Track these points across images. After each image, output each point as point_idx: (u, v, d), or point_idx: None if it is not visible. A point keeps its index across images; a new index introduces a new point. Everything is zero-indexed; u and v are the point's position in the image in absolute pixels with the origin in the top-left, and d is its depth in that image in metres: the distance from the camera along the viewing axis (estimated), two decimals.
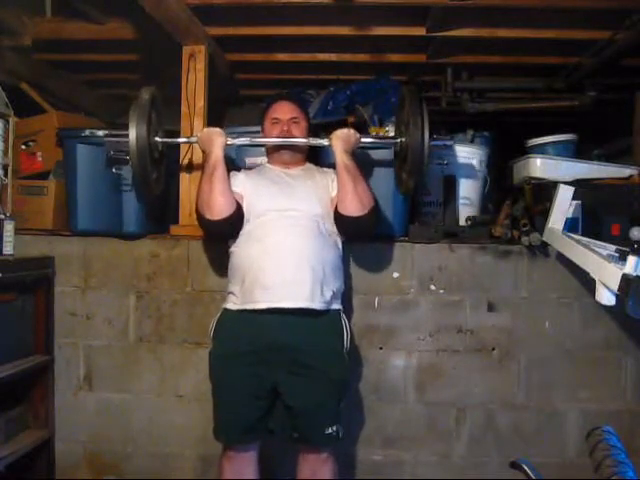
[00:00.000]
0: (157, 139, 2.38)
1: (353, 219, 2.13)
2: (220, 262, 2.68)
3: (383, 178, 2.70)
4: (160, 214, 2.86)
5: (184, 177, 2.81)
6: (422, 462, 2.69)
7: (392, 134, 2.81)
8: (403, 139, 2.27)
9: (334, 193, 2.21)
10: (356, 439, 2.68)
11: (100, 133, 2.71)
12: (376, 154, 2.70)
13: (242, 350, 2.08)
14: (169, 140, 2.48)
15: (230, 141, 2.28)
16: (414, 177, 2.25)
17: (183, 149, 2.81)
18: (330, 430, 2.08)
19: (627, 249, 1.77)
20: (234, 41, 3.09)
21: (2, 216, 2.50)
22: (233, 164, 2.67)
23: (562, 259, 2.49)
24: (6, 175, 2.62)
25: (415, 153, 2.16)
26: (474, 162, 2.93)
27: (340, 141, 2.21)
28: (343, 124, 3.04)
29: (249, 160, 2.71)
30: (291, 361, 2.06)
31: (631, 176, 2.83)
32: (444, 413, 2.69)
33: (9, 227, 2.50)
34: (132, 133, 2.22)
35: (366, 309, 2.67)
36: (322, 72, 3.57)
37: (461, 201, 2.89)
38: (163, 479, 2.71)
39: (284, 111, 2.31)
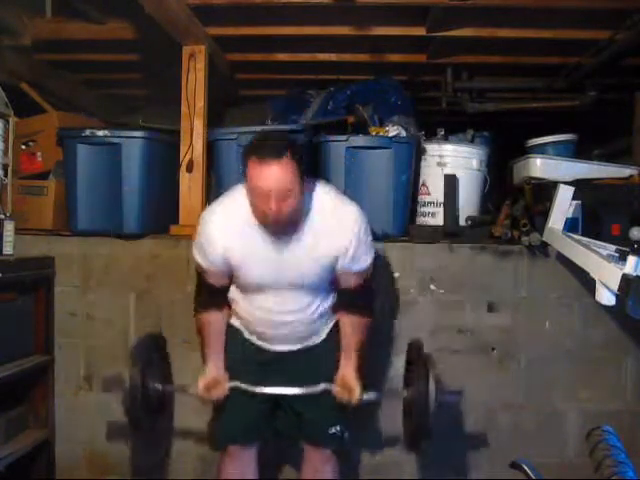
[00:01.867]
0: (157, 386, 2.08)
1: None
2: None
3: (383, 178, 2.70)
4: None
5: (184, 177, 2.81)
6: (422, 462, 2.69)
7: (392, 134, 2.81)
8: (408, 392, 2.05)
9: (339, 269, 1.93)
10: (356, 439, 2.67)
11: (100, 133, 2.72)
12: (376, 154, 2.71)
13: (245, 355, 2.10)
14: (170, 388, 2.17)
15: (232, 384, 2.04)
16: (420, 433, 2.02)
17: (183, 149, 2.81)
18: (334, 430, 2.09)
19: (627, 249, 1.77)
20: (234, 41, 3.09)
21: (2, 216, 2.50)
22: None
23: (562, 259, 2.49)
24: (6, 175, 2.63)
25: (421, 410, 1.94)
26: (474, 162, 2.93)
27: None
28: (343, 124, 3.04)
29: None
30: (293, 369, 2.09)
31: (631, 176, 2.83)
32: (444, 413, 2.68)
33: (9, 227, 2.50)
34: (127, 381, 1.98)
35: None
36: (322, 72, 3.57)
37: (461, 201, 2.88)
38: (163, 479, 2.71)
39: (270, 182, 1.71)
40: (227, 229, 1.88)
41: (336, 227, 1.88)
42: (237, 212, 1.86)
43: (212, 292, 2.03)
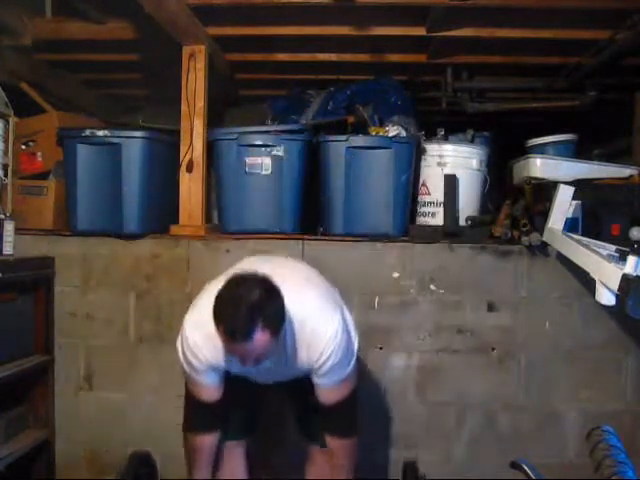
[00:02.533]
0: None
1: None
2: (220, 262, 2.68)
3: (383, 178, 2.70)
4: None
5: (184, 177, 2.81)
6: (422, 462, 2.68)
7: (392, 134, 2.82)
8: None
9: (315, 381, 1.89)
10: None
11: (100, 133, 2.72)
12: (376, 154, 2.71)
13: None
14: None
15: None
16: None
17: (183, 149, 2.81)
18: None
19: (627, 249, 1.77)
20: (234, 41, 3.09)
21: (2, 216, 2.51)
22: None
23: (562, 259, 2.49)
24: (6, 175, 2.63)
25: None
26: (474, 162, 2.93)
27: None
28: (343, 124, 3.04)
29: (249, 160, 2.71)
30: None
31: (631, 176, 2.83)
32: (444, 413, 2.69)
33: (9, 227, 2.50)
34: None
35: (366, 309, 2.67)
36: (322, 72, 3.57)
37: (461, 201, 2.88)
38: (163, 479, 2.70)
39: (242, 354, 1.68)
40: (209, 348, 1.79)
41: (312, 345, 1.80)
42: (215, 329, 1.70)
43: (204, 410, 1.94)
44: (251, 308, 1.58)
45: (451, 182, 2.82)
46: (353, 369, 1.91)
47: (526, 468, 1.68)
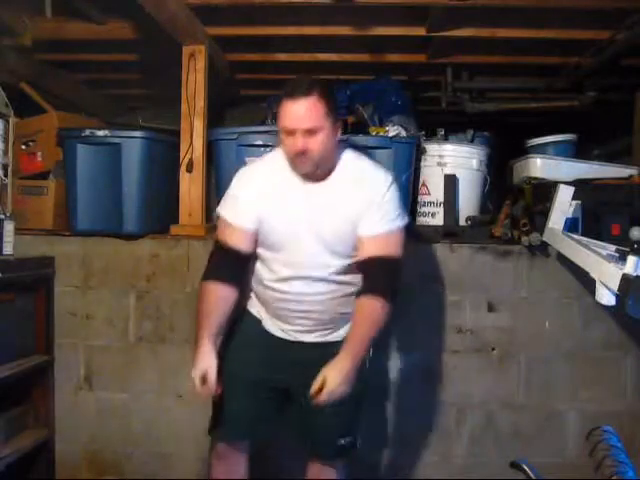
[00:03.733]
0: None
1: None
2: None
3: None
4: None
5: (184, 177, 2.81)
6: (422, 462, 2.69)
7: (392, 134, 2.82)
8: None
9: (361, 231, 1.83)
10: None
11: (100, 133, 2.72)
12: (376, 154, 2.71)
13: (257, 339, 2.01)
14: None
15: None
16: None
17: (183, 149, 2.81)
18: (343, 441, 2.01)
19: (627, 249, 1.77)
20: (234, 41, 3.10)
21: (2, 216, 2.50)
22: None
23: (562, 259, 2.49)
24: (6, 175, 2.63)
25: None
26: (474, 162, 2.93)
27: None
28: (343, 124, 3.04)
29: (249, 160, 2.70)
30: (306, 373, 2.01)
31: (631, 176, 2.83)
32: (444, 413, 2.69)
33: (9, 227, 2.50)
34: None
35: None
36: (322, 72, 3.56)
37: (461, 201, 2.88)
38: (163, 479, 2.71)
39: (297, 119, 1.74)
40: (262, 175, 1.93)
41: (364, 182, 1.86)
42: (271, 162, 1.93)
43: (227, 261, 1.88)
44: (313, 80, 1.79)
45: (451, 182, 2.82)
46: (400, 230, 1.89)
47: (526, 468, 1.68)
